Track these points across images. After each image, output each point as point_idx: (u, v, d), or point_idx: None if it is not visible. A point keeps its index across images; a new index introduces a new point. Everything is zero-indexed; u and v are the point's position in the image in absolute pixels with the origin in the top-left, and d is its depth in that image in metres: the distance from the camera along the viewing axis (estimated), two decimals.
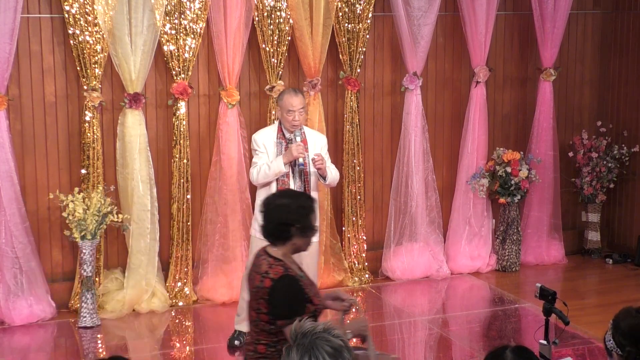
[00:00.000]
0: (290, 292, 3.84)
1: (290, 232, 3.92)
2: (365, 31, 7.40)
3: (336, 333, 2.68)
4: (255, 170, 5.93)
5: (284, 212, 3.93)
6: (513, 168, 7.74)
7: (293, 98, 5.90)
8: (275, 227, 3.94)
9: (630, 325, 3.11)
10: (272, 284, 3.82)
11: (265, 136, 6.02)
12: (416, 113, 7.65)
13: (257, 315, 3.89)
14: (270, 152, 5.95)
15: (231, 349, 6.22)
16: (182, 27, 6.87)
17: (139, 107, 6.83)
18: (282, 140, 5.97)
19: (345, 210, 7.59)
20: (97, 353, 6.26)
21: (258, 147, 5.99)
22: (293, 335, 2.67)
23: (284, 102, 5.92)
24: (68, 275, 6.96)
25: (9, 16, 6.40)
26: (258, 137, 6.04)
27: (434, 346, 6.45)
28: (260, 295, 3.85)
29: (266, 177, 5.88)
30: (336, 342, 2.64)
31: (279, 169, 5.83)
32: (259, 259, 3.96)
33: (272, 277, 3.83)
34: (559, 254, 8.21)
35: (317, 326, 2.68)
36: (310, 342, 2.62)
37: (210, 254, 7.14)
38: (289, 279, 3.85)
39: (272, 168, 5.84)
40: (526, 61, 8.23)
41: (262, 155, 5.95)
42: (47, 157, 6.86)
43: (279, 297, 3.81)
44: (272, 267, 3.87)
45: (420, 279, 7.69)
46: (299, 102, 5.91)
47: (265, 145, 5.97)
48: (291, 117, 5.89)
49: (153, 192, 6.92)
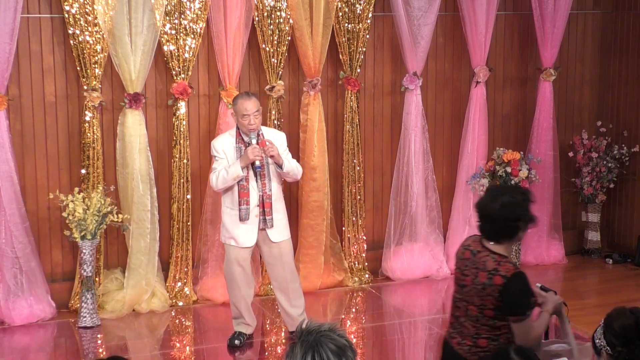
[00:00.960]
0: (524, 289, 3.87)
1: (519, 227, 3.96)
2: (365, 31, 7.40)
3: (341, 333, 2.70)
4: (214, 176, 5.95)
5: (512, 209, 3.94)
6: (513, 168, 7.73)
7: (246, 102, 5.91)
8: (503, 225, 3.94)
9: (622, 325, 3.11)
10: (505, 282, 3.84)
11: (224, 142, 6.03)
12: (416, 113, 7.65)
13: (479, 311, 3.92)
14: (229, 157, 5.97)
15: (231, 349, 6.22)
16: (182, 27, 6.87)
17: (139, 107, 6.83)
18: (241, 144, 5.98)
19: (345, 210, 7.59)
20: (97, 353, 6.26)
21: (217, 153, 6.00)
22: (298, 332, 2.68)
23: (238, 107, 5.94)
24: (68, 275, 6.96)
25: (9, 16, 6.40)
26: (217, 143, 6.05)
27: (434, 346, 6.44)
28: (487, 292, 3.87)
29: (225, 182, 5.91)
30: (340, 341, 2.66)
31: (236, 173, 5.86)
32: (479, 256, 3.96)
33: (504, 274, 3.85)
34: (559, 254, 8.21)
35: (322, 325, 2.70)
36: (315, 339, 2.64)
37: (210, 254, 7.14)
38: (521, 276, 3.87)
39: (230, 173, 5.87)
40: (526, 61, 8.23)
41: (222, 161, 5.97)
42: (47, 157, 6.86)
43: (513, 293, 3.84)
44: (500, 265, 3.88)
45: (420, 279, 7.69)
46: (252, 105, 5.91)
47: (225, 151, 5.99)
48: (246, 121, 5.90)
49: (153, 192, 6.92)
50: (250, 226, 5.99)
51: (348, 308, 7.27)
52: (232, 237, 6.03)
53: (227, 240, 6.08)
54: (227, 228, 6.06)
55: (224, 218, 6.09)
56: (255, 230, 6.01)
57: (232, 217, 6.01)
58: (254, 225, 6.00)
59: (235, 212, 5.98)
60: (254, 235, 6.02)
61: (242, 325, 6.25)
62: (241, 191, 5.94)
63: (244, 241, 6.02)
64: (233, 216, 6.00)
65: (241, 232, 6.00)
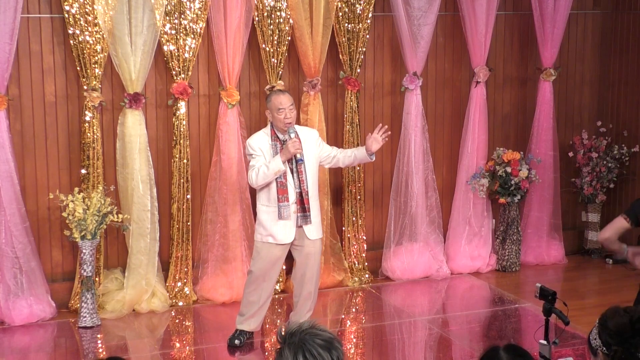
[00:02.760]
0: None
1: None
2: (365, 31, 7.40)
3: (322, 327, 2.73)
4: (254, 173, 5.94)
5: None
6: (513, 168, 7.74)
7: (281, 97, 5.99)
8: None
9: (617, 324, 3.11)
10: None
11: (259, 140, 6.05)
12: (416, 113, 7.66)
13: None
14: (266, 154, 5.99)
15: (231, 349, 6.22)
16: (182, 27, 6.87)
17: (139, 107, 6.83)
18: (276, 142, 6.01)
19: (345, 210, 7.59)
20: (97, 353, 6.26)
21: (254, 151, 6.01)
22: (281, 337, 2.69)
23: (273, 103, 5.99)
24: (68, 275, 6.97)
25: (9, 16, 6.40)
26: (252, 141, 6.06)
27: (434, 346, 6.45)
28: None
29: (265, 177, 5.91)
30: (325, 335, 2.69)
31: (278, 168, 5.87)
32: None
33: None
34: (559, 254, 8.21)
35: (302, 324, 2.72)
36: (300, 339, 2.66)
37: (210, 254, 7.15)
38: None
39: (271, 168, 5.87)
40: (526, 61, 8.23)
41: (259, 158, 5.98)
42: (47, 157, 6.86)
43: None
44: None
45: (420, 279, 7.69)
46: (287, 99, 5.99)
47: (261, 149, 6.00)
48: (282, 115, 5.94)
49: (153, 192, 6.92)
50: (289, 222, 6.00)
51: (348, 308, 7.27)
52: (271, 234, 6.02)
53: (265, 238, 6.05)
54: (264, 226, 6.04)
55: (260, 216, 6.06)
56: (293, 227, 6.02)
57: (269, 214, 6.00)
58: (292, 222, 6.01)
59: (272, 209, 5.98)
60: (292, 232, 6.03)
61: (245, 323, 6.22)
62: (280, 188, 5.94)
63: (282, 238, 6.01)
64: (270, 213, 5.99)
65: (279, 228, 6.00)
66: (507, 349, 2.87)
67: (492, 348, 2.89)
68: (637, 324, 3.07)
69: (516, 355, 2.86)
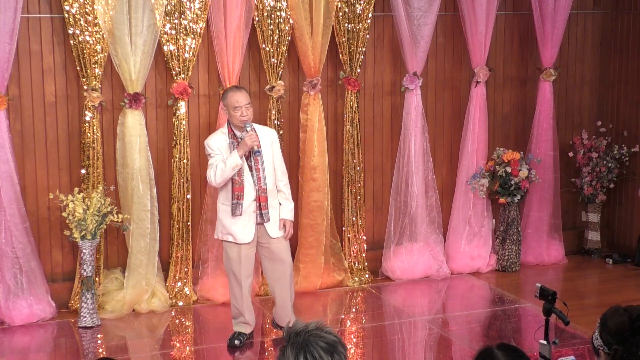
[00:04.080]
0: None
1: None
2: (365, 31, 7.40)
3: (328, 329, 2.72)
4: (212, 171, 5.92)
5: None
6: (513, 168, 7.74)
7: (237, 94, 5.98)
8: None
9: (617, 323, 3.12)
10: None
11: (217, 139, 6.04)
12: (416, 113, 7.65)
13: None
14: (224, 153, 5.96)
15: (231, 349, 6.22)
16: (182, 27, 6.87)
17: (139, 107, 6.83)
18: (233, 140, 5.99)
19: (345, 210, 7.59)
20: (97, 353, 6.26)
21: (212, 150, 5.99)
22: (287, 335, 2.69)
23: (229, 100, 5.98)
24: (68, 275, 6.97)
25: (9, 16, 6.40)
26: (210, 141, 6.05)
27: (434, 346, 6.45)
28: None
29: (224, 173, 5.88)
30: (330, 338, 2.67)
31: (235, 162, 5.85)
32: None
33: None
34: (559, 254, 8.21)
35: (309, 324, 2.71)
36: (304, 339, 2.66)
37: (210, 254, 7.14)
38: None
39: (229, 163, 5.86)
40: (526, 61, 8.23)
41: (217, 157, 5.96)
42: (47, 157, 6.86)
43: None
44: None
45: (420, 279, 7.69)
46: (243, 97, 5.99)
47: (219, 148, 5.98)
48: (238, 113, 5.94)
49: (153, 192, 6.92)
50: (248, 222, 5.96)
51: (348, 308, 7.27)
52: (230, 233, 5.99)
53: (225, 237, 6.03)
54: (223, 224, 6.02)
55: (219, 214, 6.05)
56: (252, 225, 5.97)
57: (227, 213, 5.98)
58: (251, 221, 5.97)
59: (230, 208, 5.96)
60: (252, 231, 5.98)
61: (241, 325, 6.23)
62: (235, 186, 5.92)
63: (241, 237, 5.97)
64: (228, 212, 5.97)
65: (238, 228, 5.96)
66: (500, 347, 2.87)
67: (486, 348, 2.89)
68: (636, 322, 3.08)
69: (511, 351, 2.86)
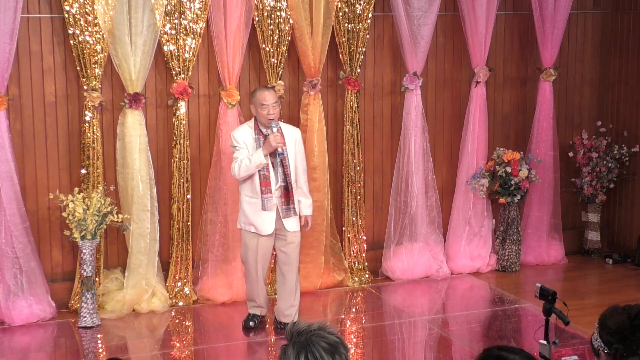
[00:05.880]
0: None
1: None
2: (365, 31, 7.39)
3: (331, 330, 2.72)
4: (236, 165, 6.18)
5: None
6: (513, 168, 7.73)
7: (265, 93, 6.23)
8: None
9: (617, 322, 3.12)
10: None
11: (243, 133, 6.28)
12: (416, 113, 7.65)
13: None
14: (249, 147, 6.21)
15: (246, 330, 6.44)
16: (182, 27, 6.87)
17: (139, 107, 6.83)
18: (259, 136, 6.24)
19: (345, 210, 7.59)
20: (97, 353, 6.27)
21: (238, 144, 6.24)
22: (289, 334, 2.69)
23: (257, 98, 6.23)
24: (68, 275, 6.97)
25: (9, 16, 6.40)
26: (236, 134, 6.30)
27: (434, 346, 6.45)
28: None
29: (247, 170, 6.14)
30: (332, 339, 2.67)
31: (259, 161, 6.11)
32: None
33: None
34: (559, 254, 8.21)
35: (312, 324, 2.71)
36: (306, 339, 2.65)
37: (210, 254, 7.14)
38: None
39: (253, 160, 6.11)
40: (526, 61, 8.23)
41: (242, 150, 6.21)
42: (47, 157, 6.86)
43: None
44: None
45: (420, 279, 7.69)
46: (271, 96, 6.23)
47: (245, 142, 6.22)
48: (265, 111, 6.18)
49: (153, 192, 6.92)
50: (271, 214, 6.21)
51: (348, 308, 7.27)
52: (252, 224, 6.24)
53: (247, 227, 6.28)
54: (246, 215, 6.27)
55: (243, 206, 6.29)
56: (274, 218, 6.23)
57: (252, 205, 6.22)
58: (273, 214, 6.21)
59: (255, 201, 6.20)
60: (273, 223, 6.23)
61: (255, 308, 6.51)
62: (263, 180, 6.16)
63: (263, 229, 6.22)
64: (253, 204, 6.21)
65: (261, 220, 6.22)
66: (501, 348, 2.86)
67: (487, 349, 2.88)
68: (635, 320, 3.08)
69: (510, 351, 2.85)
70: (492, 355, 2.82)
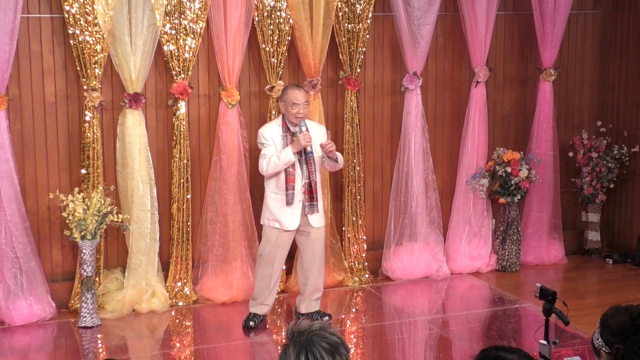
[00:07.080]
0: None
1: None
2: (365, 31, 7.40)
3: (332, 331, 2.71)
4: (265, 162, 6.28)
5: None
6: (513, 168, 7.74)
7: (296, 92, 6.33)
8: None
9: (619, 322, 3.12)
10: None
11: (271, 130, 6.39)
12: (416, 113, 7.65)
13: None
14: (277, 144, 6.32)
15: (246, 330, 6.43)
16: (182, 27, 6.87)
17: (139, 107, 6.83)
18: (287, 133, 6.36)
19: (345, 210, 7.59)
20: (97, 353, 6.27)
21: (266, 140, 6.34)
22: (290, 333, 2.69)
23: (289, 97, 6.32)
24: (68, 275, 6.97)
25: (9, 16, 6.40)
26: (265, 131, 6.39)
27: (434, 346, 6.45)
28: None
29: (276, 167, 6.25)
30: (333, 339, 2.67)
31: (288, 159, 6.22)
32: None
33: None
34: (559, 254, 8.21)
35: (313, 324, 2.71)
36: (307, 339, 2.65)
37: (210, 254, 7.14)
38: None
39: (282, 158, 6.23)
40: (526, 61, 8.23)
41: (270, 147, 6.32)
42: (47, 157, 6.86)
43: None
44: None
45: (420, 279, 7.69)
46: (302, 96, 6.35)
47: (273, 139, 6.33)
48: (296, 110, 6.29)
49: (153, 192, 6.92)
50: (295, 210, 6.31)
51: (348, 308, 7.27)
52: (277, 220, 6.34)
53: (271, 223, 6.38)
54: (271, 211, 6.38)
55: (268, 202, 6.40)
56: (299, 214, 6.34)
57: (277, 201, 6.33)
58: (298, 210, 6.31)
59: (280, 197, 6.31)
60: (298, 220, 6.34)
61: (257, 307, 6.53)
62: (288, 177, 6.28)
63: (288, 224, 6.34)
64: (278, 200, 6.32)
65: (286, 215, 6.32)
66: (498, 348, 2.86)
67: (484, 350, 2.87)
68: (637, 320, 3.08)
69: (508, 351, 2.85)
70: (490, 355, 2.82)
